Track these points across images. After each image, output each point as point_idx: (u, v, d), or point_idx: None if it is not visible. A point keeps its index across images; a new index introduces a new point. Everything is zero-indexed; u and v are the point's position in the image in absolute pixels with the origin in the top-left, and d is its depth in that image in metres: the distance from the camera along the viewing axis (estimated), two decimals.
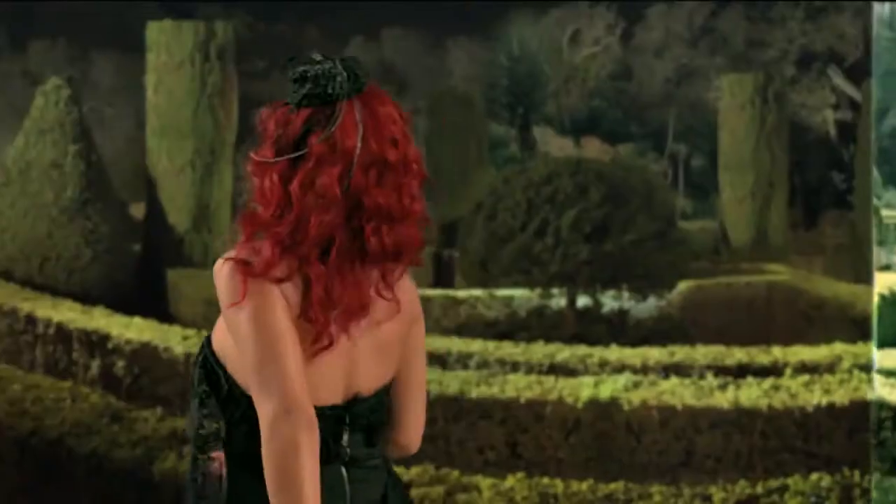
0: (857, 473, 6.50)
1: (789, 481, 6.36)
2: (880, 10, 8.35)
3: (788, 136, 21.77)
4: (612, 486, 5.79)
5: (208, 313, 12.94)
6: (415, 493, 5.17)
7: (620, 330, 14.01)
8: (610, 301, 14.67)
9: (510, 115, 39.07)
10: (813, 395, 8.41)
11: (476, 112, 24.47)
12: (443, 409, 8.46)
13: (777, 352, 10.37)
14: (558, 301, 14.50)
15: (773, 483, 6.37)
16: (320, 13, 41.16)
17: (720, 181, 22.18)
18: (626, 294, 14.58)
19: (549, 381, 8.74)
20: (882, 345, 7.80)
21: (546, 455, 8.39)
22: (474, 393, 8.54)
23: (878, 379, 7.77)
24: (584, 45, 38.64)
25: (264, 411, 2.19)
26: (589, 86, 37.89)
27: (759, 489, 6.23)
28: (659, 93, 36.61)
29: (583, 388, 8.46)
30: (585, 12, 38.36)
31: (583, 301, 14.50)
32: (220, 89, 16.24)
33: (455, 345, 10.27)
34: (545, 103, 38.67)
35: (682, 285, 15.83)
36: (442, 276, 19.70)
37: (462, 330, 14.22)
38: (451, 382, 8.70)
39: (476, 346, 10.33)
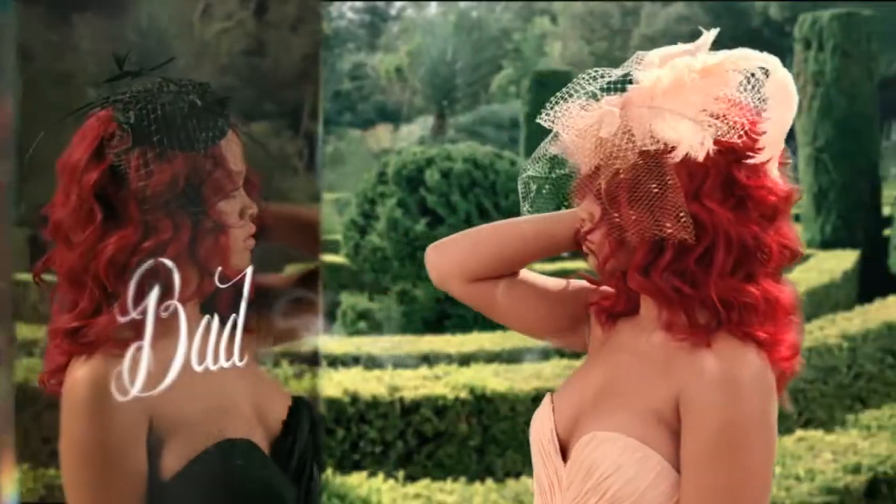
0: None
1: None
2: None
3: None
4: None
5: None
6: None
7: None
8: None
9: None
10: None
11: (75, 91, 23.13)
12: None
13: None
14: None
15: None
16: None
17: None
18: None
19: None
20: None
21: None
22: None
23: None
24: (215, 19, 38.05)
25: None
26: (221, 62, 37.30)
27: None
28: (296, 70, 36.85)
29: None
30: None
31: None
32: None
33: None
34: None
35: None
36: (37, 260, 18.54)
37: None
38: None
39: None
